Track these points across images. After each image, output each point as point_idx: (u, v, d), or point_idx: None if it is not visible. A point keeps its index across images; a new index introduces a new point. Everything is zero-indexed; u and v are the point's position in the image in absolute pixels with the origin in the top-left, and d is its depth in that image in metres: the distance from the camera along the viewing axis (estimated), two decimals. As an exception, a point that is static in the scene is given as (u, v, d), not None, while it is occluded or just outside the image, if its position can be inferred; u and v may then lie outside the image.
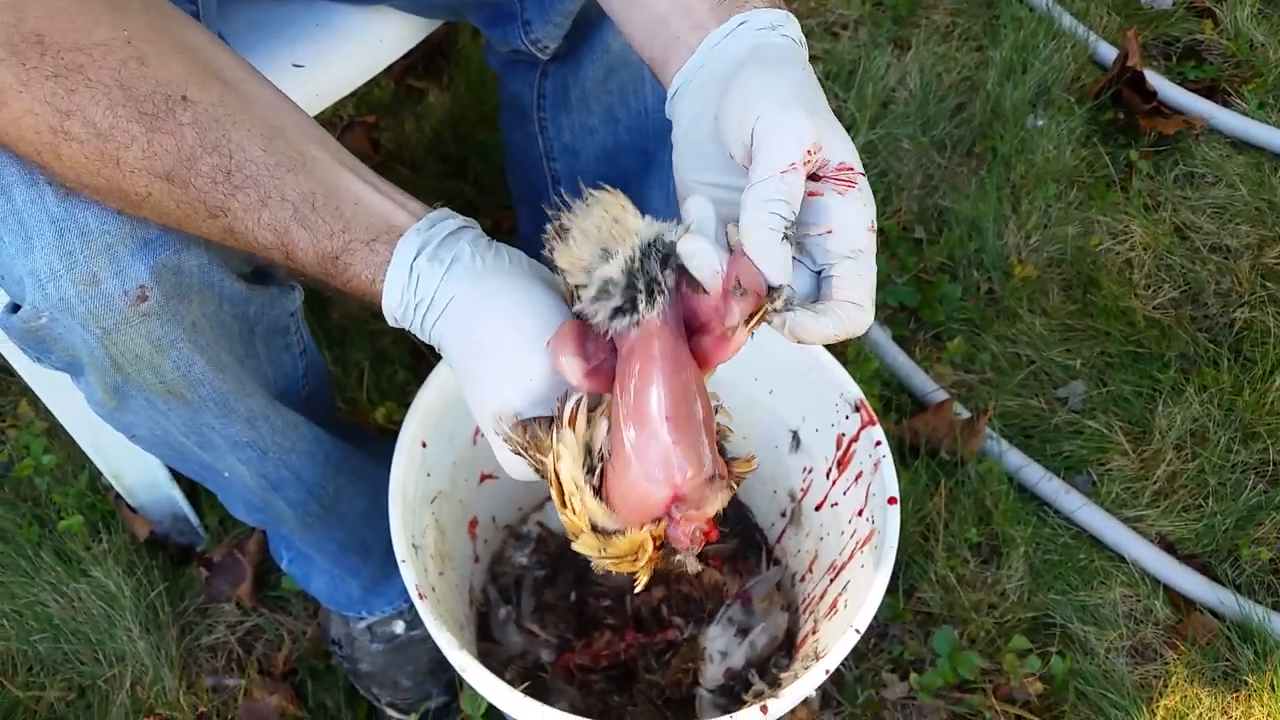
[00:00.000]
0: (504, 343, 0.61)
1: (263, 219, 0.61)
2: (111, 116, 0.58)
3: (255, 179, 0.60)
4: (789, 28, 0.64)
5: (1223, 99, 1.60)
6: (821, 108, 0.59)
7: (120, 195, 0.61)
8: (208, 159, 0.59)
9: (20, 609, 1.16)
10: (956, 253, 1.44)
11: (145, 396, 0.75)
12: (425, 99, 1.57)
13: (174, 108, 0.59)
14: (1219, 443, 1.29)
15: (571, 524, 0.63)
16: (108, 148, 0.59)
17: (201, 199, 0.60)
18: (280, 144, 0.61)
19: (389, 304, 0.63)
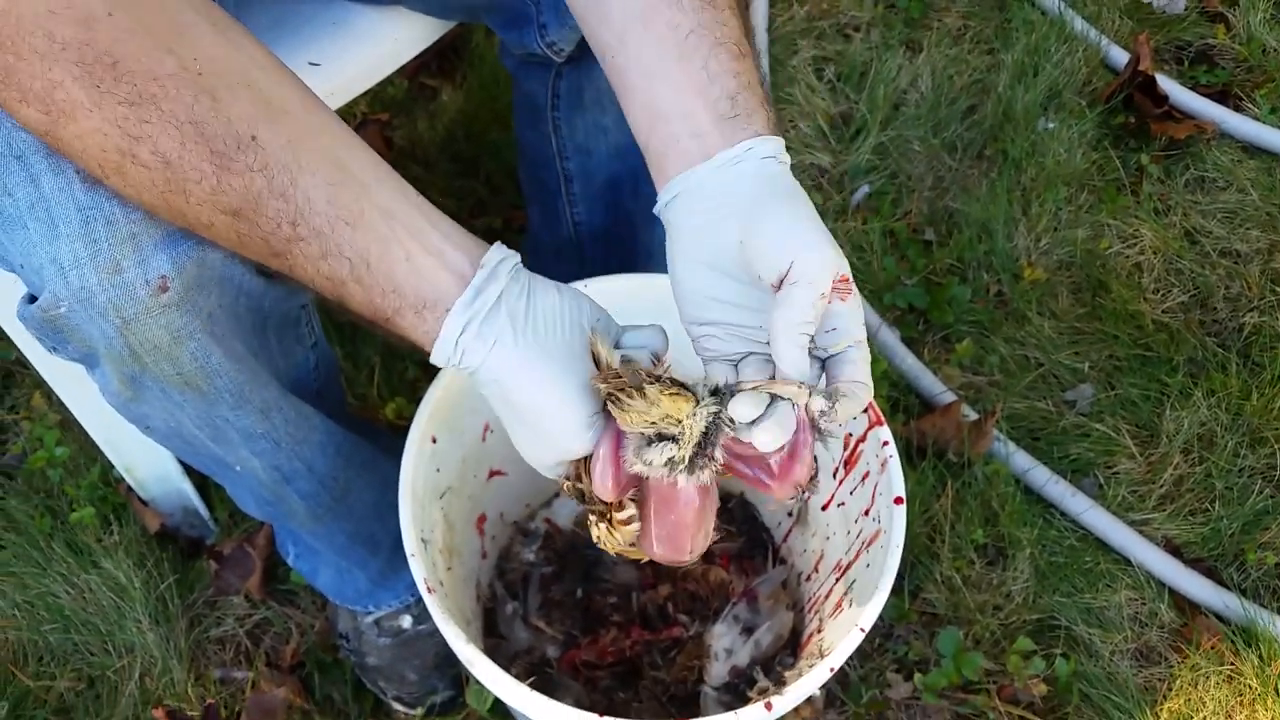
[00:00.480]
0: (542, 422, 0.68)
1: (321, 270, 0.64)
2: (182, 150, 0.59)
3: (318, 230, 0.63)
4: (784, 155, 0.69)
5: (1234, 104, 1.60)
6: (827, 233, 0.67)
7: (181, 218, 0.63)
8: (274, 204, 0.61)
9: (32, 599, 1.17)
10: (966, 255, 1.44)
11: (161, 388, 0.75)
12: (438, 97, 1.57)
13: (244, 150, 0.60)
14: (1226, 447, 1.29)
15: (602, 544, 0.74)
16: (175, 178, 0.60)
17: (264, 238, 0.63)
18: (342, 192, 0.63)
19: (435, 361, 0.68)
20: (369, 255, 0.64)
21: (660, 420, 0.66)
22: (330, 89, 0.98)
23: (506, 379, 0.67)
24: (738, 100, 0.68)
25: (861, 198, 1.51)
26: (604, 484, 0.68)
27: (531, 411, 0.68)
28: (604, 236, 1.16)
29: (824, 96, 1.59)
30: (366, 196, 0.64)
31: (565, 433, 0.68)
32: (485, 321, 0.66)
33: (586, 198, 1.12)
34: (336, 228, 0.63)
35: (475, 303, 0.66)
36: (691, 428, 0.66)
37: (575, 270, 1.19)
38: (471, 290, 0.66)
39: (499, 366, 0.67)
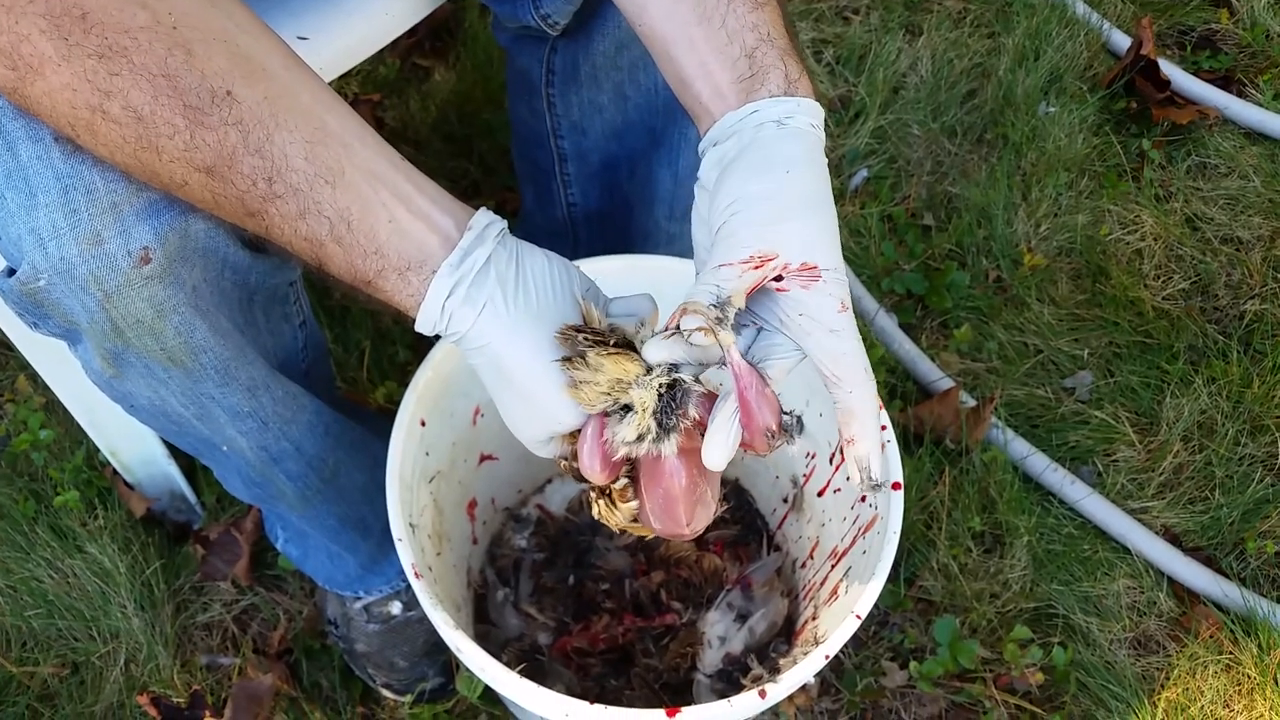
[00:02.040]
0: (533, 391, 0.66)
1: (299, 230, 0.61)
2: (154, 105, 0.57)
3: (295, 188, 0.60)
4: (799, 118, 0.66)
5: (1237, 89, 1.58)
6: (794, 207, 0.64)
7: (154, 178, 0.61)
8: (249, 160, 0.59)
9: (15, 584, 1.16)
10: (965, 240, 1.43)
11: (145, 364, 0.74)
12: (431, 77, 1.55)
13: (219, 104, 0.58)
14: (1227, 435, 1.28)
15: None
16: (148, 134, 0.58)
17: (240, 197, 0.60)
18: (321, 150, 0.60)
19: (420, 328, 0.65)
20: (350, 215, 0.61)
21: (612, 389, 0.64)
22: (319, 64, 0.96)
23: (497, 345, 0.64)
24: (755, 57, 0.66)
25: (860, 182, 1.49)
26: (592, 467, 0.67)
27: (523, 379, 0.65)
28: (599, 219, 1.14)
29: (823, 80, 1.57)
30: (348, 156, 0.62)
31: (556, 402, 0.65)
32: (474, 285, 0.63)
33: (581, 178, 1.10)
34: (315, 186, 0.61)
35: (462, 265, 0.63)
36: (644, 397, 0.64)
37: (569, 253, 1.17)
38: (459, 253, 0.63)
39: (489, 332, 0.64)
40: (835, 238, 0.65)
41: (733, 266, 0.62)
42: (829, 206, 0.65)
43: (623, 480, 0.69)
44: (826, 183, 0.66)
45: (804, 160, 0.65)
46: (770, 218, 0.63)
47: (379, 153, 0.64)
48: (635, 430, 0.65)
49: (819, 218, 0.64)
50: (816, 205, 0.65)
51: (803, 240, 0.63)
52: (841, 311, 0.64)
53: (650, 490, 0.69)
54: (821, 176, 0.66)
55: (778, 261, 0.63)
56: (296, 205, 0.61)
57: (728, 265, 0.63)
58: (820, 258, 0.63)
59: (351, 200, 0.61)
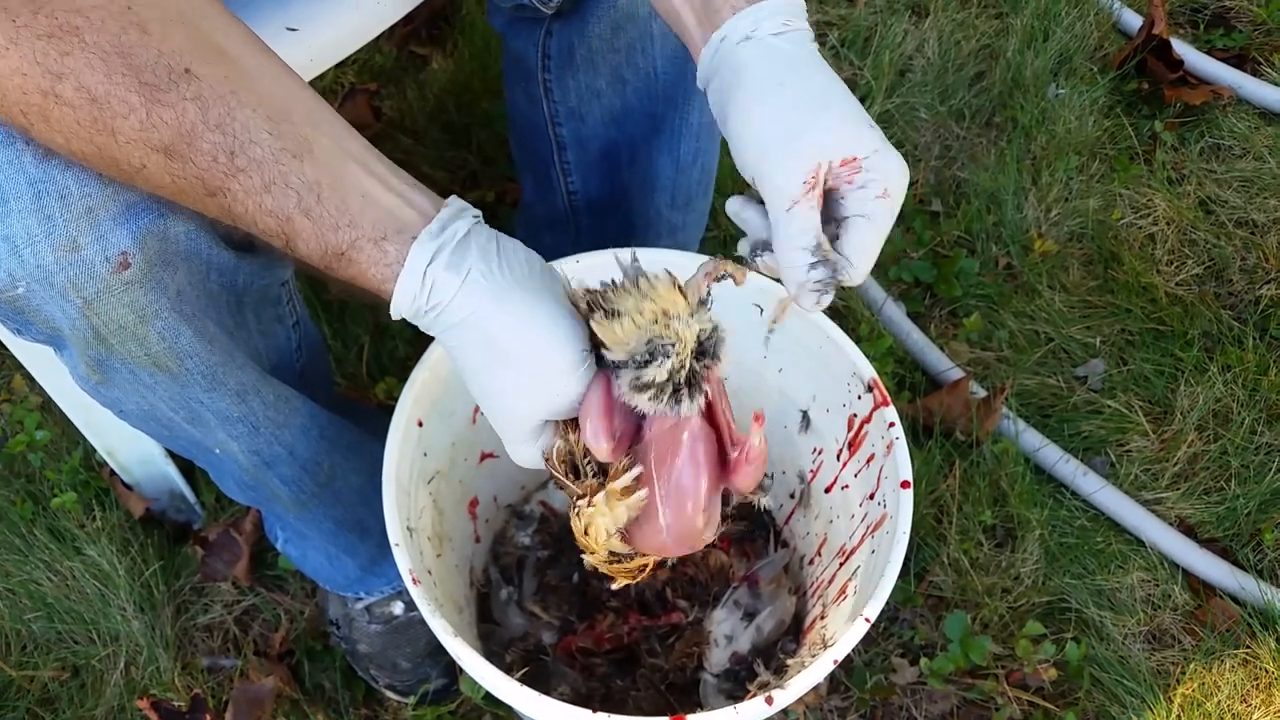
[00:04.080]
0: (530, 360, 0.62)
1: (265, 204, 0.58)
2: (108, 84, 0.55)
3: (259, 161, 0.58)
4: (764, 25, 0.64)
5: (1252, 68, 1.55)
6: (804, 114, 0.63)
7: (112, 164, 0.58)
8: (210, 136, 0.57)
9: (14, 587, 1.14)
10: (974, 226, 1.40)
11: (130, 369, 0.72)
12: (428, 66, 1.53)
13: (176, 80, 0.56)
14: (1242, 424, 1.25)
15: (585, 543, 0.69)
16: (103, 115, 0.56)
17: (200, 176, 0.58)
18: (286, 127, 0.58)
19: (398, 305, 0.62)
20: (319, 188, 0.59)
21: (655, 321, 0.61)
22: (310, 55, 0.94)
23: (486, 314, 0.61)
24: None
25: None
26: (597, 437, 0.63)
27: (517, 348, 0.62)
28: (600, 207, 1.12)
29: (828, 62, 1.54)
30: (315, 133, 0.59)
31: (556, 369, 0.62)
32: (455, 252, 0.60)
33: (581, 166, 1.08)
34: (281, 159, 0.58)
35: (443, 235, 0.61)
36: (685, 331, 0.62)
37: (570, 243, 1.15)
38: (438, 223, 0.61)
39: (474, 300, 0.61)
40: (859, 118, 0.64)
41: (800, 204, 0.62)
42: (838, 92, 0.64)
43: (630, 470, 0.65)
44: (824, 70, 0.65)
45: (789, 64, 0.64)
46: (791, 136, 0.62)
47: (348, 133, 0.62)
48: (668, 371, 0.61)
49: (833, 109, 0.63)
50: (824, 99, 0.64)
51: (829, 139, 0.63)
52: (882, 198, 0.63)
53: (663, 474, 0.65)
54: (816, 69, 0.65)
55: (823, 171, 0.62)
56: (260, 179, 0.58)
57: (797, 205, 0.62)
58: (855, 146, 0.63)
59: (321, 174, 0.59)
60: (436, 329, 0.63)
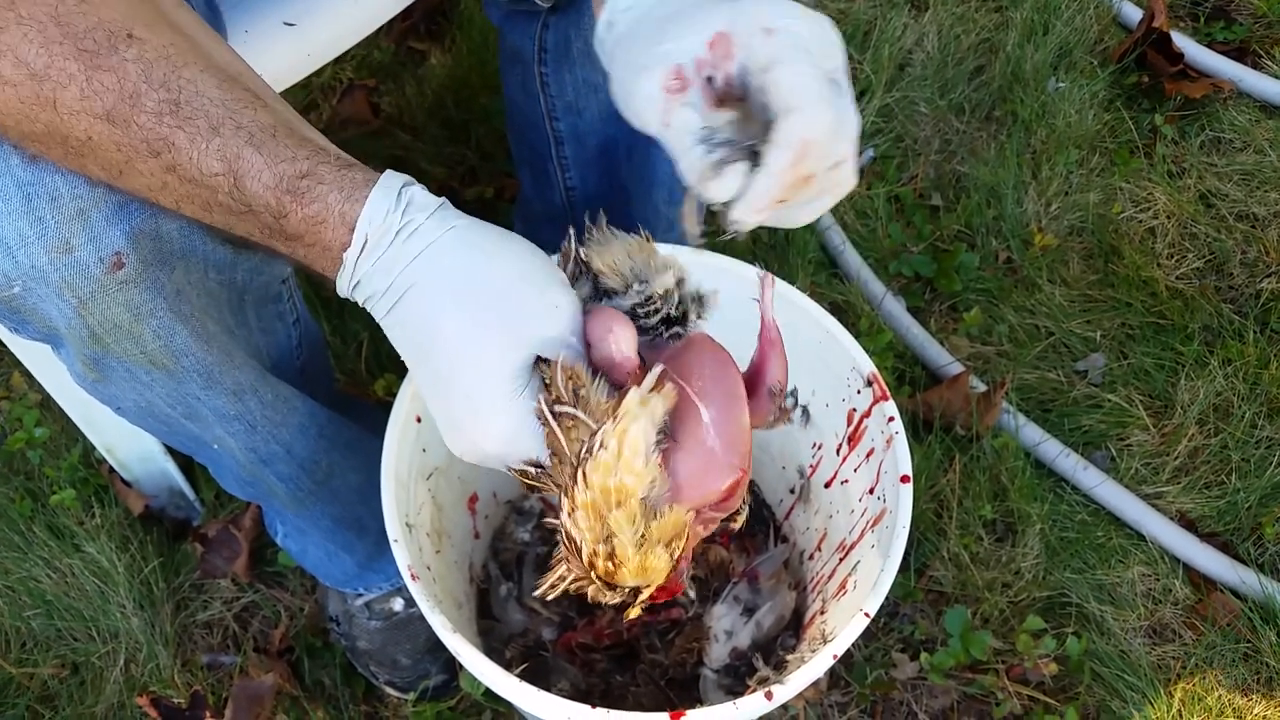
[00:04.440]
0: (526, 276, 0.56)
1: (211, 146, 0.55)
2: (47, 55, 0.54)
3: (206, 111, 0.55)
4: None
5: (1252, 61, 1.54)
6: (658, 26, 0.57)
7: (61, 142, 0.57)
8: (154, 95, 0.54)
9: (13, 584, 1.14)
10: (974, 221, 1.40)
11: (126, 368, 0.72)
12: (426, 62, 1.52)
13: (116, 44, 0.54)
14: (1243, 418, 1.25)
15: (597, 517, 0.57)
16: (44, 89, 0.54)
17: (144, 138, 0.55)
18: (237, 87, 0.56)
19: (367, 225, 0.55)
20: (274, 129, 0.55)
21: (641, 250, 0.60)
22: (307, 50, 0.94)
23: (471, 228, 0.56)
24: None
25: (866, 162, 1.46)
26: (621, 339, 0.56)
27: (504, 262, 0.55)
28: (597, 203, 1.11)
29: (826, 57, 1.54)
30: (267, 96, 0.57)
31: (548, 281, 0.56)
32: (422, 192, 0.57)
33: (579, 162, 1.08)
34: (232, 108, 0.55)
35: (404, 180, 0.57)
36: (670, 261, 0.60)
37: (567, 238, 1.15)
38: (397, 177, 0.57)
39: (457, 217, 0.56)
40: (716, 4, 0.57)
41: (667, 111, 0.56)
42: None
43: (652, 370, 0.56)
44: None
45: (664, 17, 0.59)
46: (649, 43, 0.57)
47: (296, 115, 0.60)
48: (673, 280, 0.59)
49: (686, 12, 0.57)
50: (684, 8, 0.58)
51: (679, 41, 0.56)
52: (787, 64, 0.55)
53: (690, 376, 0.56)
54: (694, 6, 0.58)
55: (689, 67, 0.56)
56: (208, 123, 0.55)
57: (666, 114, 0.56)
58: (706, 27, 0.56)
59: (277, 121, 0.56)
60: (401, 260, 0.55)
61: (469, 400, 0.56)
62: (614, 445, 0.55)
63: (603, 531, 0.56)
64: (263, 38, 0.91)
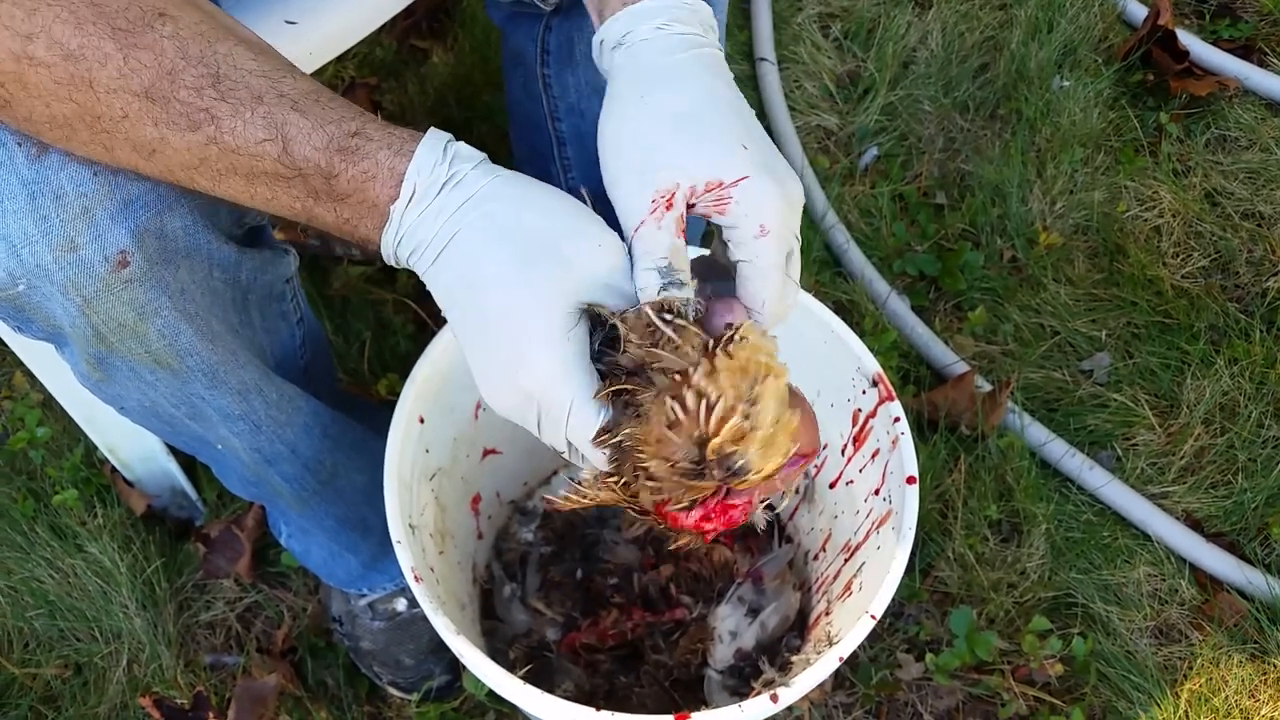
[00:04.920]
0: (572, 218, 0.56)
1: (256, 114, 0.55)
2: (80, 36, 0.54)
3: (247, 82, 0.55)
4: (639, 29, 0.59)
5: (1258, 59, 1.54)
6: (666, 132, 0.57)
7: (94, 121, 0.56)
8: (192, 70, 0.55)
9: (16, 585, 1.14)
10: (979, 219, 1.39)
11: (130, 367, 0.71)
12: (429, 60, 1.52)
13: (151, 22, 0.54)
14: (1250, 417, 1.25)
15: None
16: (79, 69, 0.54)
17: (184, 112, 0.55)
18: (272, 57, 0.57)
19: (415, 175, 0.55)
20: (317, 94, 0.56)
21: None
22: (309, 48, 0.93)
23: (515, 178, 0.57)
24: None
25: (870, 160, 1.46)
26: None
27: (563, 200, 0.57)
28: (600, 204, 1.11)
29: (830, 55, 1.53)
30: (299, 69, 0.58)
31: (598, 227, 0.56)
32: (467, 147, 0.58)
33: (581, 163, 1.07)
34: (271, 75, 0.56)
35: (448, 137, 0.58)
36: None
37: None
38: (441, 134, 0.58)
39: (501, 170, 0.56)
40: (729, 137, 0.57)
41: (646, 224, 0.56)
42: (709, 107, 0.58)
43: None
44: (700, 83, 0.58)
45: (659, 75, 0.58)
46: (641, 155, 0.57)
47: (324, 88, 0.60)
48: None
49: (696, 128, 0.57)
50: (691, 116, 0.57)
51: (686, 161, 0.56)
52: (760, 237, 0.57)
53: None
54: (688, 82, 0.58)
55: (680, 193, 0.56)
56: (250, 93, 0.55)
57: (643, 225, 0.56)
58: (719, 170, 0.56)
59: (314, 86, 0.57)
60: (447, 210, 0.55)
61: (515, 340, 0.56)
62: (754, 336, 0.56)
63: (748, 394, 0.55)
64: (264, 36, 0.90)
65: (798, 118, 1.48)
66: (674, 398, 0.54)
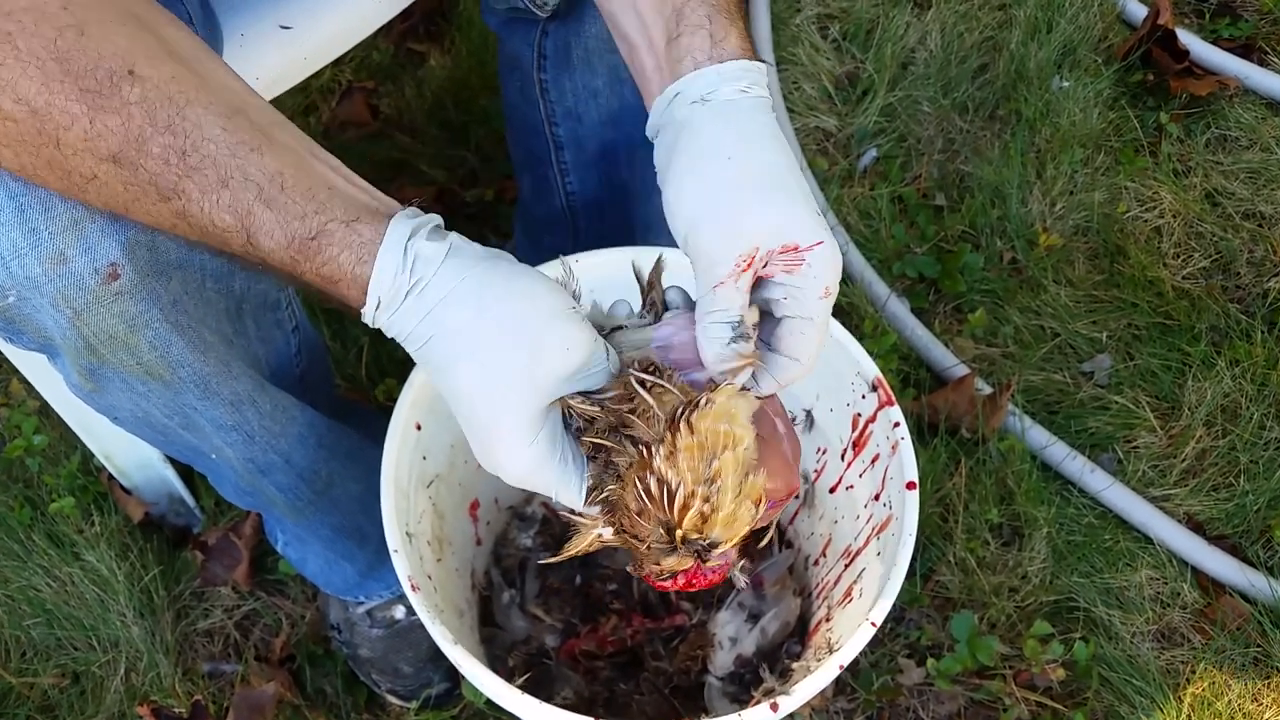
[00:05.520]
0: (537, 318, 0.57)
1: (222, 200, 0.55)
2: (47, 94, 0.53)
3: (214, 159, 0.55)
4: (722, 89, 0.61)
5: (1259, 58, 1.53)
6: (749, 194, 0.60)
7: (64, 176, 0.56)
8: (159, 139, 0.54)
9: (13, 593, 1.14)
10: (979, 221, 1.38)
11: (122, 378, 0.71)
12: (426, 63, 1.51)
13: (119, 84, 0.53)
14: (1251, 419, 1.24)
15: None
16: (45, 127, 0.53)
17: (153, 181, 0.55)
18: (241, 121, 0.55)
19: (378, 288, 0.56)
20: (281, 177, 0.55)
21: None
22: (304, 54, 0.92)
23: (477, 276, 0.56)
24: (684, 15, 0.62)
25: (869, 162, 1.45)
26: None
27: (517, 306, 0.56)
28: (597, 208, 1.11)
29: (829, 56, 1.53)
30: (272, 129, 0.57)
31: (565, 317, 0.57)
32: (434, 230, 0.57)
33: (579, 167, 1.07)
34: (238, 153, 0.55)
35: (417, 218, 0.58)
36: None
37: (568, 243, 1.14)
38: (410, 210, 0.58)
39: (464, 265, 0.56)
40: (806, 203, 0.60)
41: (725, 283, 0.59)
42: (788, 174, 0.61)
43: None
44: (776, 147, 0.61)
45: (741, 136, 0.61)
46: (729, 216, 0.59)
47: (305, 135, 0.59)
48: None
49: (780, 193, 0.60)
50: (773, 180, 0.60)
51: (772, 224, 0.59)
52: (823, 298, 0.61)
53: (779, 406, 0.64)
54: (768, 146, 0.61)
55: (760, 255, 0.59)
56: (216, 175, 0.55)
57: (723, 284, 0.59)
58: (798, 234, 0.60)
59: (283, 165, 0.56)
60: (416, 315, 0.57)
61: (491, 443, 0.59)
62: (722, 399, 0.59)
63: (706, 474, 0.58)
64: (258, 41, 0.90)
65: (796, 119, 1.47)
66: (640, 480, 0.58)
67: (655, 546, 0.60)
